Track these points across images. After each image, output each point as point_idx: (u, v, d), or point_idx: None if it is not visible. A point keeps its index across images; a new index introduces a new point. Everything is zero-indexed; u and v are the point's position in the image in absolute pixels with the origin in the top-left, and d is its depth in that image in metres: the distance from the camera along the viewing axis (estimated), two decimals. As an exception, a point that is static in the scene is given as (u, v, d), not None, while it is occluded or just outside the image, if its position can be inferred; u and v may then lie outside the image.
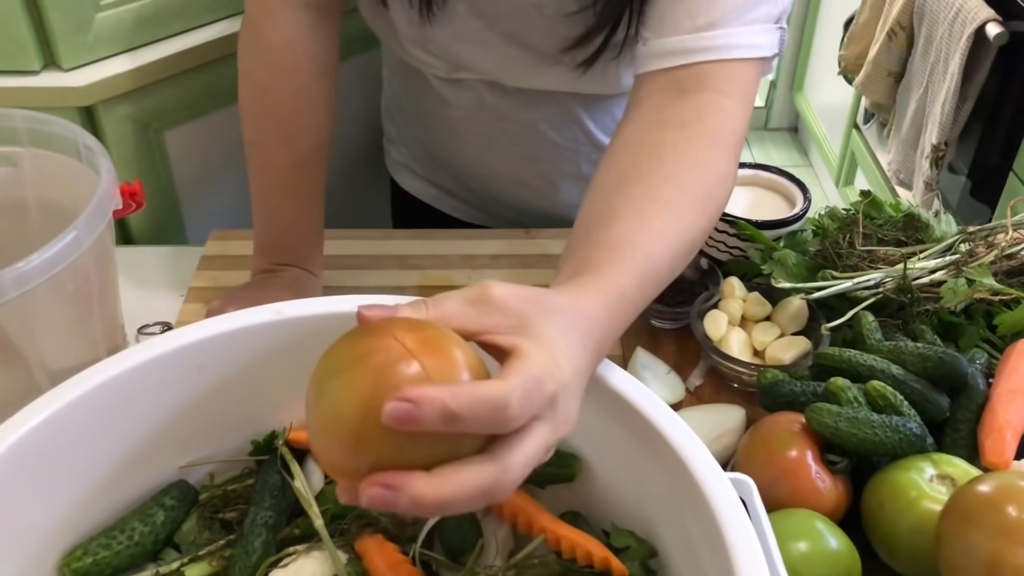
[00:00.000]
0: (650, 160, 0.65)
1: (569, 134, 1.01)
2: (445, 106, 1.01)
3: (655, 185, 0.63)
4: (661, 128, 0.68)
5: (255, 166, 0.90)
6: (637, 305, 0.57)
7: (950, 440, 0.72)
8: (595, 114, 1.00)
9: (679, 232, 0.61)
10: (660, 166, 0.64)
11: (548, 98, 0.97)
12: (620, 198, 0.62)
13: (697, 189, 0.64)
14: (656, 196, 0.62)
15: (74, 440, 0.57)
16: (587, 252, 0.58)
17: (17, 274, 0.63)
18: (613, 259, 0.57)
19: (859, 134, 2.56)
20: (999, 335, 0.81)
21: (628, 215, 0.61)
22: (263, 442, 0.66)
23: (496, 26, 0.88)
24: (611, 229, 0.59)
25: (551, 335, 0.47)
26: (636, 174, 0.64)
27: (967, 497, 0.59)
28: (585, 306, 0.52)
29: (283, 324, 0.63)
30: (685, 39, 0.70)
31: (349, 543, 0.60)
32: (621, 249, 0.58)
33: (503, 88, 0.96)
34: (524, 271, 1.01)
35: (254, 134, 0.89)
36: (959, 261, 0.84)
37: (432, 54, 0.93)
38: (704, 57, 0.70)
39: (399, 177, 1.18)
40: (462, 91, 0.99)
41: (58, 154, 0.78)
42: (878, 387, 0.71)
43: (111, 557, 0.59)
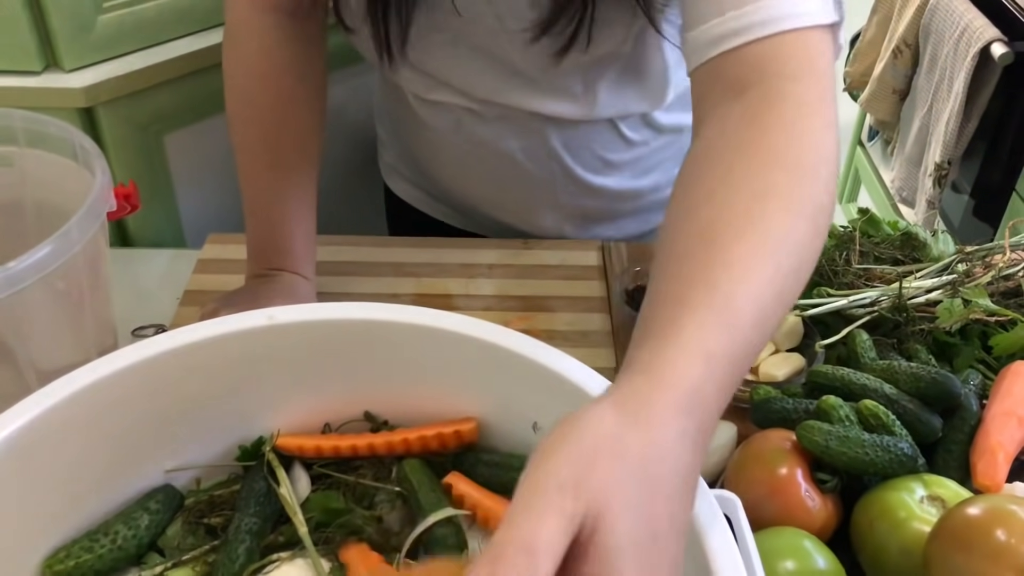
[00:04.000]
0: (712, 211, 0.53)
1: (545, 166, 1.00)
2: (424, 127, 1.01)
3: (725, 246, 0.51)
4: (722, 157, 0.57)
5: (243, 172, 0.90)
6: (741, 355, 0.48)
7: (942, 461, 0.71)
8: (572, 148, 0.99)
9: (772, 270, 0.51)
10: (726, 218, 0.53)
11: (524, 128, 0.96)
12: (686, 272, 0.51)
13: (776, 230, 0.52)
14: (727, 260, 0.50)
15: (60, 441, 0.57)
16: (648, 342, 0.48)
17: (8, 274, 0.63)
18: (678, 340, 0.47)
19: (863, 151, 2.56)
20: (994, 356, 0.81)
21: (699, 291, 0.49)
22: (250, 448, 0.65)
23: (462, 40, 0.88)
24: (674, 309, 0.49)
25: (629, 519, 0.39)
26: (698, 235, 0.52)
27: (957, 519, 0.59)
28: (660, 448, 0.42)
29: (274, 330, 0.62)
30: (727, 20, 0.62)
31: (334, 552, 0.59)
32: (688, 322, 0.48)
33: (480, 116, 0.96)
34: (520, 281, 1.01)
35: (240, 141, 0.90)
36: (956, 281, 0.83)
37: (409, 67, 0.93)
38: (750, 36, 0.61)
39: (390, 181, 1.18)
40: (440, 114, 0.98)
41: (54, 155, 0.78)
42: (870, 406, 0.70)
43: (93, 560, 0.58)
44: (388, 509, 0.62)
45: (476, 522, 0.61)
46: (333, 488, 0.64)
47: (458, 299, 0.98)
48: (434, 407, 0.66)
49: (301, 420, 0.67)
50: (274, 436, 0.65)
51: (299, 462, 0.66)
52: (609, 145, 1.00)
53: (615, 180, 1.03)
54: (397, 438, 0.64)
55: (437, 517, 0.59)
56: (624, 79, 0.93)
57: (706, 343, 0.47)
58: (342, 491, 0.63)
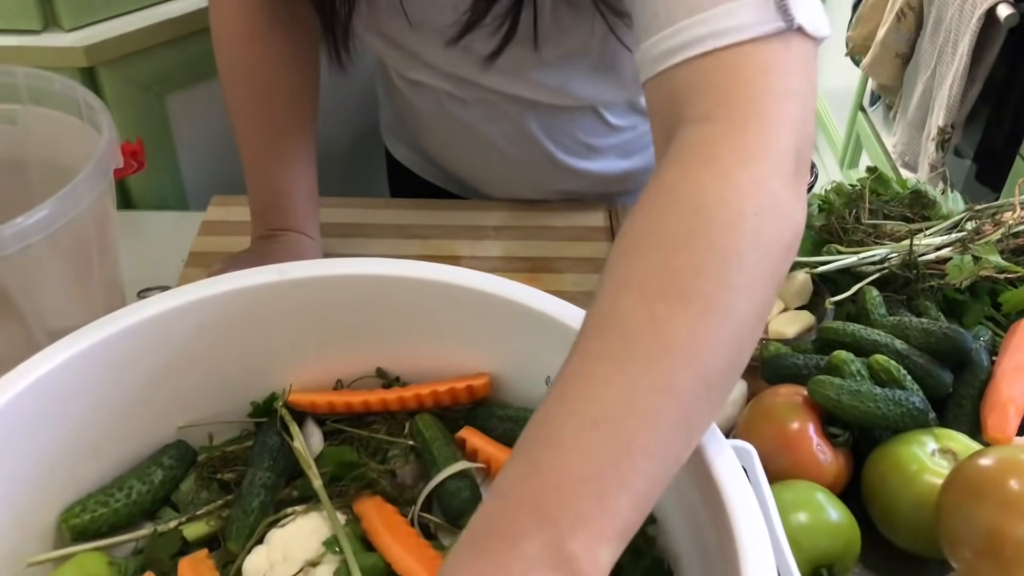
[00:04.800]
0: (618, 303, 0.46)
1: (526, 150, 0.99)
2: (409, 106, 1.00)
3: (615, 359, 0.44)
4: (639, 233, 0.49)
5: (239, 134, 0.90)
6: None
7: (952, 415, 0.71)
8: (552, 133, 0.97)
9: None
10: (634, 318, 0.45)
11: (503, 113, 0.94)
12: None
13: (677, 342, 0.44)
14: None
15: (72, 396, 0.57)
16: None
17: (16, 229, 0.63)
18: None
19: (864, 116, 2.55)
20: (1003, 313, 0.81)
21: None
22: (262, 404, 0.65)
23: (424, 26, 0.84)
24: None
25: None
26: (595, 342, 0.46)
27: (969, 470, 0.59)
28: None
29: (286, 285, 0.62)
30: (665, 37, 0.53)
31: (348, 504, 0.59)
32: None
33: (460, 99, 0.94)
34: (527, 242, 1.00)
35: (233, 103, 0.89)
36: (965, 238, 0.83)
37: (385, 41, 0.90)
38: (679, 57, 0.52)
39: (389, 142, 1.17)
40: (422, 94, 0.97)
41: (58, 112, 0.77)
42: (881, 361, 0.70)
43: (109, 514, 0.58)
44: (402, 463, 0.62)
45: (490, 475, 0.62)
46: (346, 443, 0.64)
47: (465, 260, 0.97)
48: (446, 363, 0.66)
49: (313, 377, 0.66)
50: (286, 391, 0.65)
51: (311, 418, 0.65)
52: (592, 130, 0.98)
53: (600, 164, 1.02)
54: (410, 393, 0.64)
55: (452, 470, 0.59)
56: (598, 73, 0.89)
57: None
58: (355, 446, 0.63)
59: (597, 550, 0.40)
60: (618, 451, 0.42)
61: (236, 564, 0.57)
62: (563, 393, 0.44)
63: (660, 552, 0.56)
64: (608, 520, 0.41)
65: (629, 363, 0.43)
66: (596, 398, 0.43)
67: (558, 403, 0.44)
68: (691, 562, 0.54)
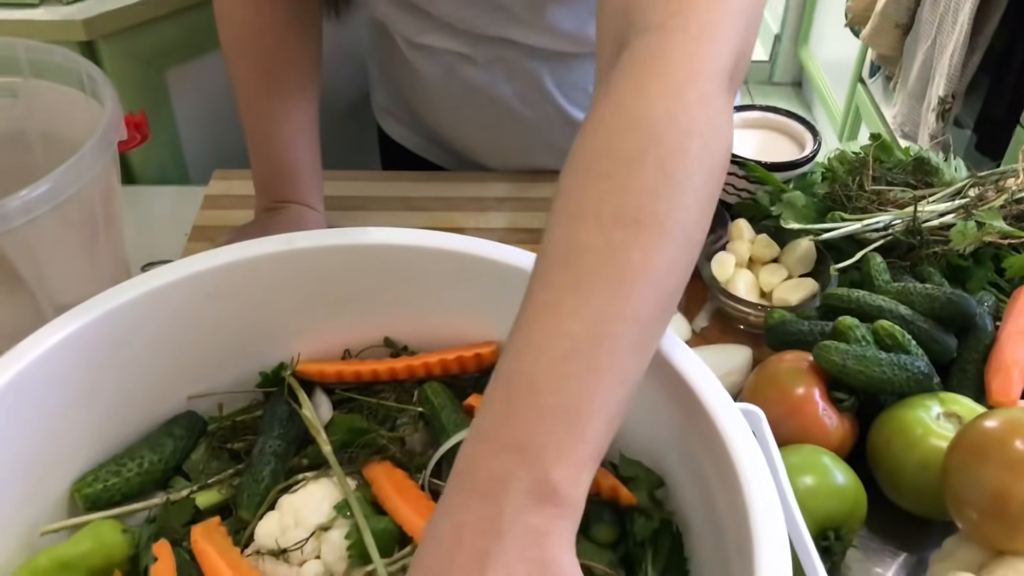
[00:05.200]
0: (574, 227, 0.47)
1: (540, 110, 0.98)
2: (415, 74, 0.99)
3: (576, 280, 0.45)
4: (591, 152, 0.49)
5: (242, 106, 0.90)
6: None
7: (956, 380, 0.72)
8: (565, 88, 0.97)
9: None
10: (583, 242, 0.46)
11: (516, 70, 0.94)
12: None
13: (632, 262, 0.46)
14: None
15: (82, 367, 0.57)
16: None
17: (22, 202, 0.62)
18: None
19: (864, 88, 2.54)
20: (1007, 279, 0.81)
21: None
22: (271, 374, 0.66)
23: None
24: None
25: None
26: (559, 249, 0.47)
27: (975, 432, 0.59)
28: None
29: (293, 254, 0.62)
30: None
31: (357, 470, 0.60)
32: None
33: (471, 60, 0.94)
34: (531, 214, 1.00)
35: (236, 73, 0.89)
36: (969, 204, 0.83)
37: (397, 3, 0.90)
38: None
39: (384, 122, 1.16)
40: (430, 60, 0.96)
41: (60, 85, 0.76)
42: (886, 326, 0.70)
43: (121, 484, 0.59)
44: (411, 431, 0.62)
45: (499, 442, 0.62)
46: (355, 412, 0.64)
47: (468, 232, 0.96)
48: (454, 331, 0.66)
49: (321, 347, 0.67)
50: (294, 361, 0.65)
51: (320, 387, 0.66)
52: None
53: None
54: (418, 362, 0.65)
55: (460, 436, 0.59)
56: None
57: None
58: (364, 414, 0.63)
59: (579, 476, 0.42)
60: (589, 382, 0.43)
61: (248, 530, 0.58)
62: (531, 329, 0.45)
63: (669, 515, 0.56)
64: (585, 447, 0.43)
65: (593, 294, 0.45)
66: (564, 332, 0.44)
67: (528, 339, 0.45)
68: (700, 524, 0.55)
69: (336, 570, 0.55)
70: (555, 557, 0.40)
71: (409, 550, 0.55)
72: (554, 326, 0.44)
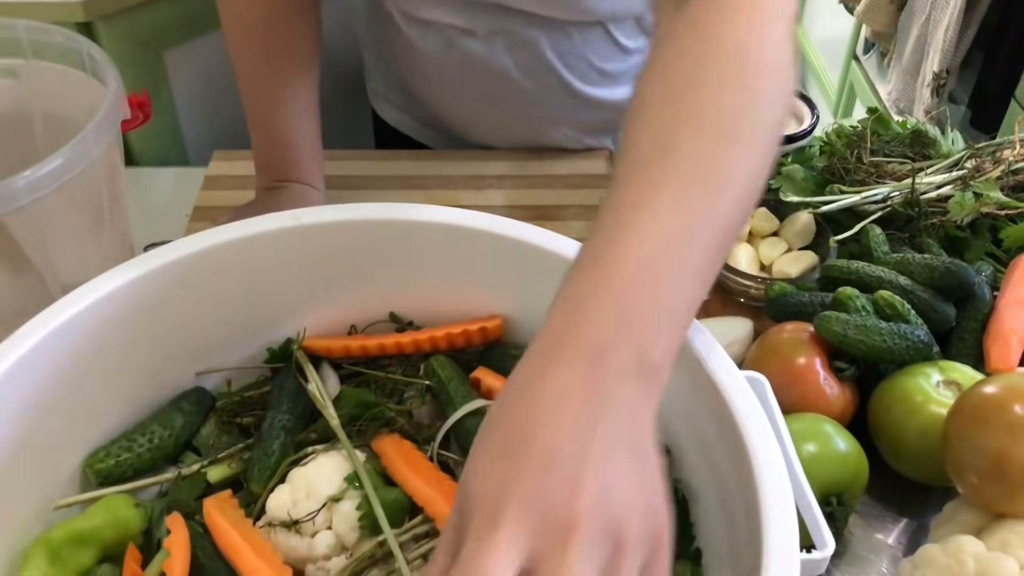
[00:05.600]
0: (663, 131, 0.50)
1: (542, 81, 0.99)
2: (413, 51, 0.99)
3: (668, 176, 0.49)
4: (674, 70, 0.52)
5: (243, 85, 0.90)
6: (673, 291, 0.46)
7: (955, 349, 0.73)
8: (567, 58, 0.97)
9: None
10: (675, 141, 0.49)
11: (516, 41, 0.94)
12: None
13: (725, 164, 0.49)
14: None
15: (91, 344, 0.58)
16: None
17: (28, 181, 0.63)
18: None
19: (858, 65, 2.54)
20: (1004, 249, 0.82)
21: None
22: (278, 350, 0.66)
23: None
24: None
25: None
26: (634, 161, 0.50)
27: (975, 397, 0.60)
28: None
29: (298, 230, 0.63)
30: None
31: (366, 443, 0.61)
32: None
33: (471, 33, 0.94)
34: (530, 191, 1.01)
35: (237, 53, 0.89)
36: (966, 176, 0.84)
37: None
38: None
39: (379, 108, 1.16)
40: (430, 35, 0.96)
41: (61, 65, 0.77)
42: (886, 296, 0.71)
43: (132, 459, 0.60)
44: (418, 404, 0.63)
45: (506, 413, 0.63)
46: (363, 386, 0.65)
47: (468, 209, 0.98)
48: (459, 306, 0.66)
49: (327, 322, 0.67)
50: (301, 336, 0.66)
51: (327, 363, 0.66)
52: (604, 53, 0.98)
53: (611, 92, 1.02)
54: (424, 336, 0.65)
55: (469, 407, 0.60)
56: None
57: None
58: (372, 388, 0.64)
59: (669, 359, 0.44)
60: (680, 276, 0.46)
61: (259, 503, 0.58)
62: (626, 221, 0.47)
63: (675, 482, 0.57)
64: (673, 336, 0.45)
65: (689, 196, 0.47)
66: (660, 226, 0.46)
67: (624, 230, 0.46)
68: (706, 490, 0.55)
69: (347, 540, 0.56)
70: (648, 442, 0.42)
71: (420, 520, 0.56)
72: (649, 220, 0.46)
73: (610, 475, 0.39)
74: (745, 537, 0.48)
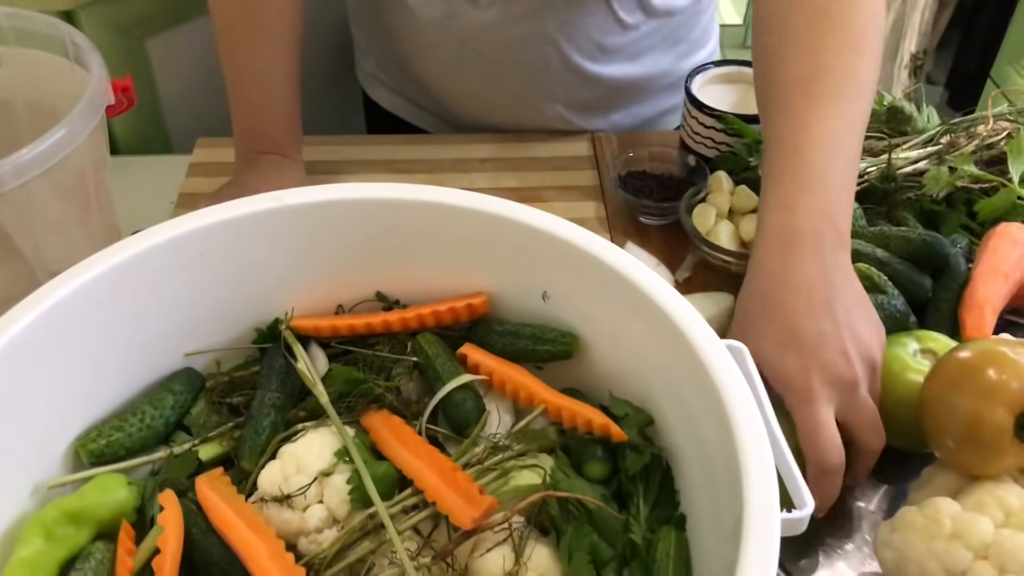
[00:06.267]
0: (804, 68, 0.68)
1: (542, 55, 0.99)
2: (413, 20, 1.00)
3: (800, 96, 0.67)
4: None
5: (225, 57, 0.91)
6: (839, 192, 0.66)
7: (932, 319, 0.74)
8: (569, 32, 0.98)
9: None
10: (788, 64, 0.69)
11: (520, 13, 0.95)
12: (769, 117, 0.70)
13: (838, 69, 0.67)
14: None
15: (80, 326, 0.58)
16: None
17: (14, 165, 0.63)
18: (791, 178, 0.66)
19: (838, 48, 2.56)
20: (979, 222, 0.83)
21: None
22: (267, 330, 0.67)
23: None
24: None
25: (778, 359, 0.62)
26: (770, 86, 0.70)
27: (950, 363, 0.62)
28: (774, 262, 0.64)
29: (283, 211, 0.63)
30: None
31: (355, 420, 0.61)
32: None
33: (474, 3, 0.95)
34: (514, 174, 1.02)
35: (220, 24, 0.90)
36: (941, 151, 0.85)
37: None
38: None
39: (370, 89, 1.17)
40: (432, 5, 0.97)
41: (45, 52, 0.77)
42: (863, 268, 0.73)
43: (124, 438, 0.60)
44: (406, 380, 0.64)
45: (492, 387, 0.64)
46: (351, 364, 0.65)
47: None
48: (445, 283, 0.67)
49: (314, 302, 0.68)
50: (289, 316, 0.66)
51: (315, 342, 0.67)
52: (605, 28, 0.99)
53: (608, 68, 1.03)
54: (411, 314, 0.66)
55: (457, 382, 0.61)
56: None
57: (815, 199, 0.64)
58: (360, 365, 0.65)
59: (850, 229, 0.66)
60: (850, 168, 0.66)
61: (251, 479, 0.59)
62: (805, 130, 0.66)
63: (659, 450, 0.58)
64: (851, 211, 0.67)
65: (845, 102, 0.66)
66: (831, 132, 0.65)
67: (805, 137, 0.65)
68: (690, 457, 0.57)
69: (339, 513, 0.56)
70: (859, 284, 0.65)
71: (409, 492, 0.57)
72: (823, 127, 0.65)
73: (857, 329, 0.61)
74: (727, 500, 0.49)
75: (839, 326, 0.61)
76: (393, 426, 0.60)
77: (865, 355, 0.62)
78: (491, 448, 0.59)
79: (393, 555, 0.53)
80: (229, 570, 0.55)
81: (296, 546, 0.57)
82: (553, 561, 0.54)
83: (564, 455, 0.60)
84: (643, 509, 0.57)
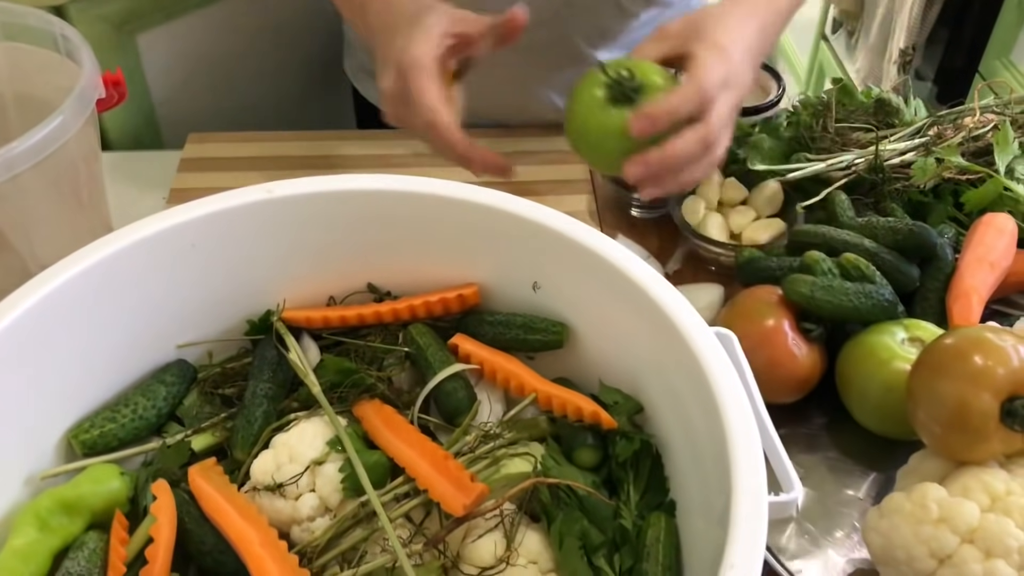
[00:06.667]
0: None
1: (544, 35, 0.99)
2: None
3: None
4: None
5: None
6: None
7: (920, 308, 0.75)
8: (575, 9, 0.98)
9: None
10: None
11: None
12: None
13: None
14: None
15: (72, 318, 0.58)
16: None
17: (5, 158, 0.63)
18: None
19: (827, 44, 2.56)
20: (965, 212, 0.84)
21: None
22: (259, 321, 0.67)
23: None
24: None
25: (717, 34, 0.69)
26: None
27: (937, 349, 0.62)
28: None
29: (273, 203, 0.64)
30: None
31: (348, 409, 0.62)
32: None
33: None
34: (504, 167, 1.02)
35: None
36: (928, 143, 0.86)
37: None
38: None
39: (360, 84, 1.16)
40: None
41: (34, 47, 0.77)
42: (851, 258, 0.73)
43: (117, 429, 0.60)
44: (398, 370, 0.64)
45: (484, 377, 0.64)
46: (343, 355, 0.66)
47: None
48: (436, 275, 0.68)
49: (305, 294, 0.68)
50: (280, 307, 0.67)
51: (307, 333, 0.67)
52: (608, 12, 1.00)
53: (605, 55, 1.03)
54: (403, 305, 0.66)
55: (448, 371, 0.62)
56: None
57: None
58: (352, 356, 0.65)
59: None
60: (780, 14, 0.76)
61: (244, 469, 0.59)
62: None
63: (648, 437, 0.59)
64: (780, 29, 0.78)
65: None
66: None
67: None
68: (679, 444, 0.57)
69: (331, 502, 0.57)
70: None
71: (401, 480, 0.57)
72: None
73: (753, 68, 0.72)
74: (716, 485, 0.49)
75: (750, 67, 0.72)
76: (385, 415, 0.60)
77: (747, 85, 0.72)
78: (482, 436, 0.59)
79: (385, 542, 0.53)
80: (222, 559, 0.55)
81: (289, 534, 0.57)
82: (544, 547, 0.55)
83: (555, 443, 0.60)
84: (633, 495, 0.58)
